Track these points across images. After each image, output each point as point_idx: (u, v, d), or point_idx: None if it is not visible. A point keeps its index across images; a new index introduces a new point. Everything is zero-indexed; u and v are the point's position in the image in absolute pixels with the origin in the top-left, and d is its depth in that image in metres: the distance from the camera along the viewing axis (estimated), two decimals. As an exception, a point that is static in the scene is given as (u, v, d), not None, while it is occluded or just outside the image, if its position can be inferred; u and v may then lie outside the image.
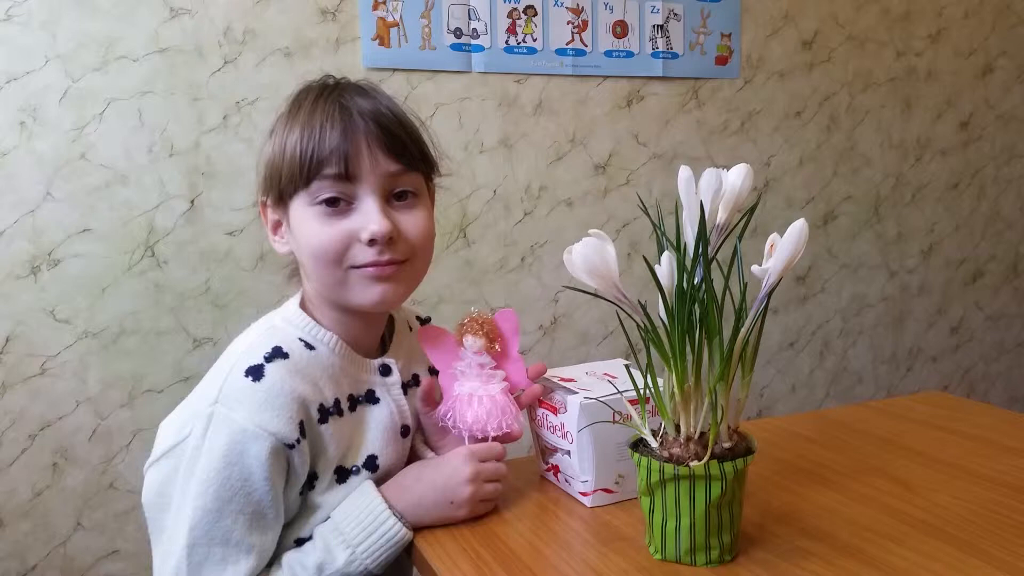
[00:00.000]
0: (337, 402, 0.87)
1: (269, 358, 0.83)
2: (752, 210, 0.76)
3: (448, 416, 0.90)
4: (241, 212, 1.73)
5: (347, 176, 0.83)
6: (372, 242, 0.83)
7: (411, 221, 0.87)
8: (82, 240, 1.63)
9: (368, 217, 0.83)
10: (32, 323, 1.61)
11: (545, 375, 0.96)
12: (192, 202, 1.70)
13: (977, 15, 2.52)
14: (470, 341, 0.90)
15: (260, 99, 1.71)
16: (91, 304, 1.64)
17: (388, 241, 0.84)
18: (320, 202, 0.83)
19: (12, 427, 1.61)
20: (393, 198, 0.86)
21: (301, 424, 0.81)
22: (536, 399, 0.95)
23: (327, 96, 0.86)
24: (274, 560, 0.84)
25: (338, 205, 0.84)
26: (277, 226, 0.90)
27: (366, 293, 0.86)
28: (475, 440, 0.90)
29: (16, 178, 1.57)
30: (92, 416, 1.66)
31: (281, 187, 0.85)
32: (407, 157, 0.86)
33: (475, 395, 0.89)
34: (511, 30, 1.92)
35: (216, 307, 1.73)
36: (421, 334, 0.93)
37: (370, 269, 0.85)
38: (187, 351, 1.72)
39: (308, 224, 0.84)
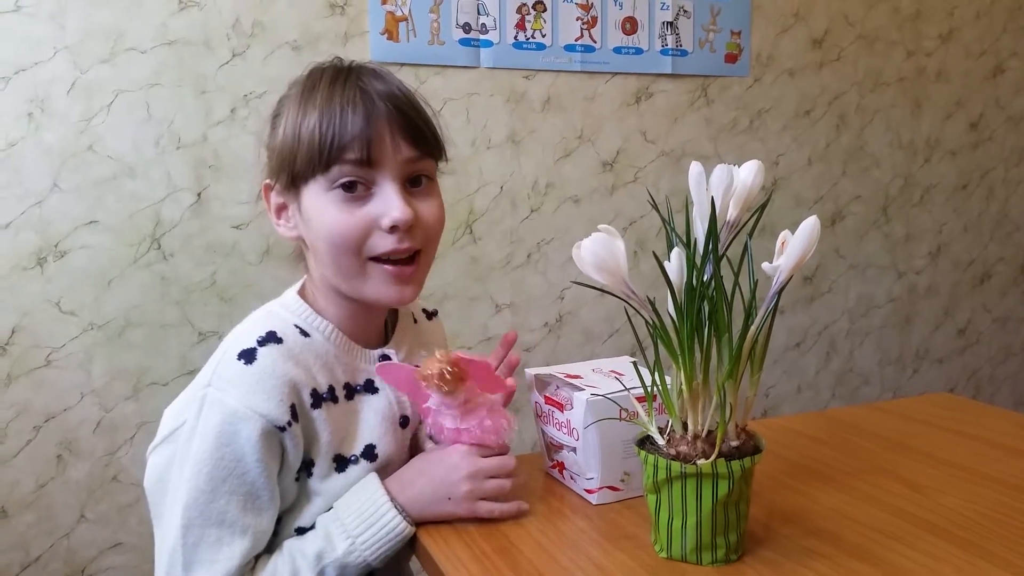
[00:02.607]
0: (332, 389, 0.87)
1: (262, 342, 0.83)
2: (764, 207, 0.75)
3: (439, 438, 0.89)
4: (247, 205, 1.73)
5: (368, 162, 0.82)
6: (393, 229, 0.83)
7: (427, 208, 0.87)
8: (89, 232, 1.62)
9: (390, 204, 0.83)
10: (38, 315, 1.61)
11: (551, 372, 0.96)
12: (199, 195, 1.70)
13: (988, 15, 2.51)
14: (438, 398, 0.84)
15: (268, 92, 1.70)
16: (97, 296, 1.64)
17: (407, 228, 0.84)
18: (338, 187, 0.83)
19: (17, 419, 1.61)
20: (408, 184, 0.86)
21: (293, 407, 0.81)
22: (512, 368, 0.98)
23: (344, 79, 0.85)
24: (275, 547, 0.84)
25: (356, 190, 0.83)
26: (281, 210, 0.90)
27: (385, 291, 0.86)
28: None
29: (23, 169, 1.57)
30: (97, 408, 1.66)
31: (295, 171, 0.84)
32: (425, 143, 0.86)
33: (460, 429, 0.86)
34: (520, 25, 1.91)
35: (222, 300, 1.73)
36: (381, 372, 0.88)
37: (390, 268, 0.85)
38: (192, 344, 1.72)
39: (325, 210, 0.83)
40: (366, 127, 0.82)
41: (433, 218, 0.88)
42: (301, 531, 0.86)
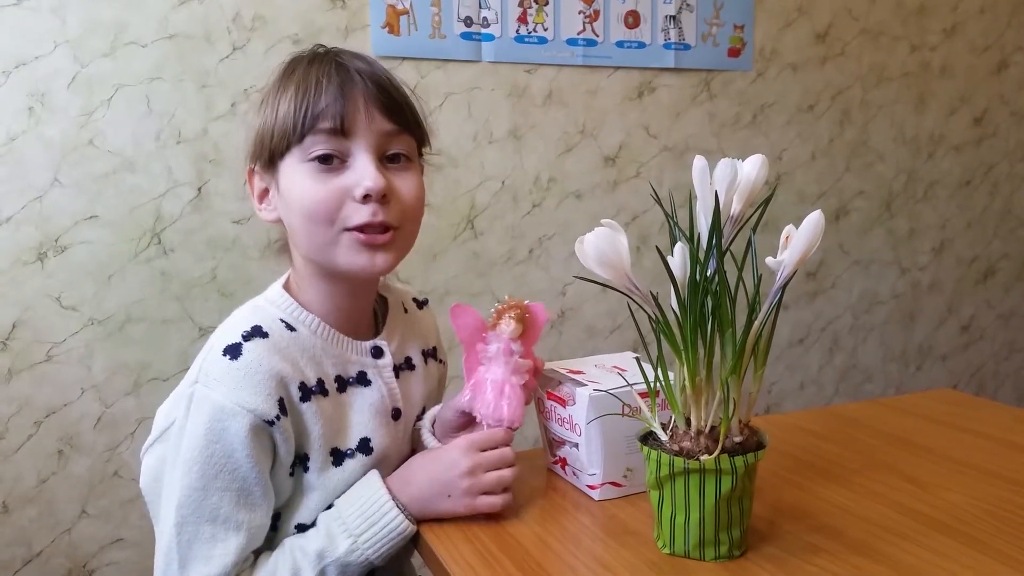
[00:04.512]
0: (321, 382, 0.86)
1: (247, 337, 0.83)
2: (767, 201, 0.75)
3: (478, 404, 0.88)
4: (248, 200, 1.72)
5: (342, 131, 0.82)
6: (366, 199, 0.82)
7: (404, 183, 0.86)
8: (89, 227, 1.62)
9: (363, 173, 0.82)
10: (39, 309, 1.60)
11: (554, 367, 0.96)
12: (199, 190, 1.69)
13: (993, 10, 2.49)
14: (509, 328, 0.88)
15: (269, 87, 1.70)
16: (97, 291, 1.64)
17: (382, 200, 0.83)
18: (313, 159, 0.82)
19: (18, 413, 1.61)
20: (386, 160, 0.85)
21: (280, 401, 0.81)
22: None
23: (322, 58, 0.85)
24: (276, 544, 0.84)
25: (331, 163, 0.82)
26: (264, 194, 0.90)
27: (355, 259, 0.84)
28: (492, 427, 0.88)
29: (24, 163, 1.57)
30: (97, 404, 1.66)
31: (272, 147, 0.84)
32: (402, 118, 0.85)
33: (507, 383, 0.88)
34: (522, 19, 1.90)
35: (222, 295, 1.73)
36: (452, 312, 0.91)
37: (362, 235, 0.83)
38: (193, 339, 1.71)
39: (300, 182, 0.83)
40: (340, 97, 0.81)
41: (410, 195, 0.86)
42: (301, 528, 0.85)
